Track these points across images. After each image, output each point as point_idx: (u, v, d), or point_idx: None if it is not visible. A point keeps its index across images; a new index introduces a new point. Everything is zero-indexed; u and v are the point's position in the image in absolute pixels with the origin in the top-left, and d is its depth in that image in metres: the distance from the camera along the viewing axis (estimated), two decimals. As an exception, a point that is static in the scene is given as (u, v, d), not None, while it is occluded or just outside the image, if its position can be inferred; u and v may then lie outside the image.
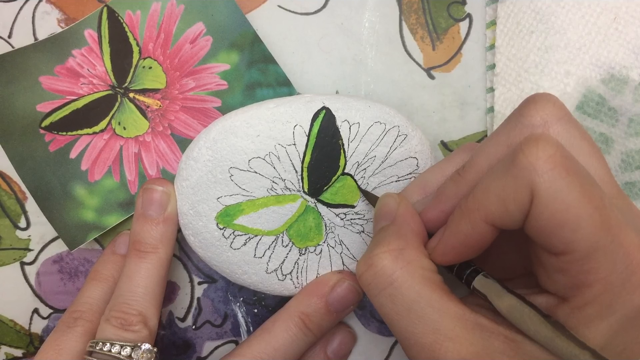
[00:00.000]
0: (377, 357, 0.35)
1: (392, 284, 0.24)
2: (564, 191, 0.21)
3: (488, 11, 0.34)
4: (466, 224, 0.24)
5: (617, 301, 0.21)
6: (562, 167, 0.21)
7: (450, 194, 0.26)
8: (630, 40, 0.32)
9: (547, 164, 0.21)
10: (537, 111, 0.24)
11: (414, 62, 0.34)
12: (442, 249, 0.25)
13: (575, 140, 0.24)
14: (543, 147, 0.21)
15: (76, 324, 0.30)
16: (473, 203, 0.23)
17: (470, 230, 0.24)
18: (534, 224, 0.22)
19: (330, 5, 0.34)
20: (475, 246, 0.24)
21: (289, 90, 0.34)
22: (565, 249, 0.22)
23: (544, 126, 0.24)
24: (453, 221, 0.24)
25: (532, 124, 0.24)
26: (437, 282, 0.24)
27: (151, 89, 0.34)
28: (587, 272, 0.21)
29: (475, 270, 0.26)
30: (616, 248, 0.21)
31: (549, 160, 0.21)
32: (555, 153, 0.21)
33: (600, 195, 0.22)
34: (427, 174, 0.29)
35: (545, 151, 0.21)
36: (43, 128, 0.33)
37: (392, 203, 0.28)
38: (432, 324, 0.23)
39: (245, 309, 0.35)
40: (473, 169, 0.25)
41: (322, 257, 0.32)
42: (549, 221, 0.21)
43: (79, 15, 0.34)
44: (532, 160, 0.21)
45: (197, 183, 0.30)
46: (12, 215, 0.34)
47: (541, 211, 0.21)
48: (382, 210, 0.28)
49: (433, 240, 0.26)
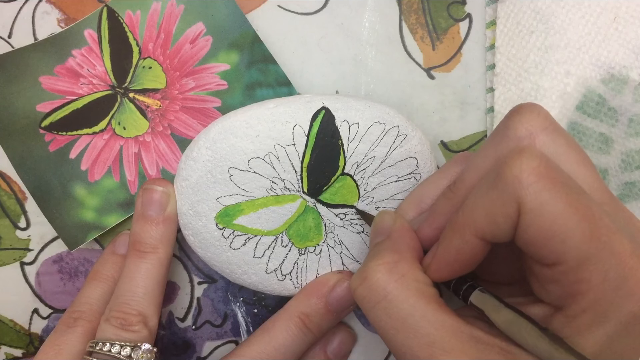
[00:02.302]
0: (377, 357, 0.35)
1: (386, 297, 0.24)
2: (550, 203, 0.21)
3: (488, 11, 0.34)
4: (457, 239, 0.24)
5: (610, 308, 0.21)
6: (546, 178, 0.21)
7: (443, 211, 0.26)
8: (630, 40, 0.32)
9: (531, 177, 0.21)
10: (521, 123, 0.24)
11: (414, 62, 0.34)
12: (436, 266, 0.25)
13: (562, 149, 0.24)
14: (527, 159, 0.21)
15: (76, 324, 0.30)
16: (463, 219, 0.23)
17: (462, 245, 0.24)
18: (523, 236, 0.22)
19: (330, 5, 0.34)
20: (469, 261, 0.24)
21: (289, 90, 0.34)
22: (556, 260, 0.22)
23: (529, 137, 0.24)
24: (445, 237, 0.25)
25: (517, 136, 0.24)
26: (431, 294, 0.24)
27: (151, 89, 0.34)
28: (580, 281, 0.21)
29: (471, 286, 0.26)
30: (607, 256, 0.21)
31: (533, 173, 0.21)
32: (539, 165, 0.21)
33: (587, 204, 0.22)
34: (421, 188, 0.29)
35: (530, 164, 0.21)
36: (43, 128, 0.33)
37: (388, 220, 0.28)
38: (427, 337, 0.23)
39: (245, 309, 0.35)
40: (463, 184, 0.26)
41: (322, 257, 0.32)
42: (537, 233, 0.21)
43: (79, 15, 0.34)
44: (517, 174, 0.21)
45: (196, 183, 0.30)
46: (12, 215, 0.34)
47: (528, 224, 0.21)
48: (378, 227, 0.28)
49: (427, 257, 0.26)
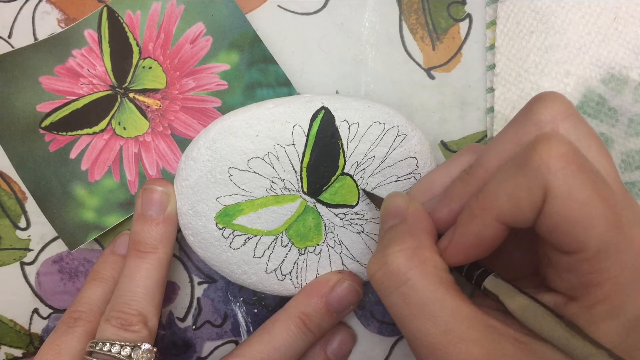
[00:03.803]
0: (377, 357, 0.35)
1: (405, 283, 0.24)
2: (577, 189, 0.21)
3: (488, 11, 0.34)
4: (477, 223, 0.23)
5: (627, 301, 0.21)
6: (574, 165, 0.21)
7: (459, 193, 0.26)
8: (630, 40, 0.32)
9: (559, 162, 0.21)
10: (545, 109, 0.24)
11: (414, 62, 0.34)
12: (453, 249, 0.25)
13: (584, 137, 0.24)
14: (556, 145, 0.21)
15: (76, 324, 0.30)
16: (484, 202, 0.23)
17: (481, 229, 0.23)
18: (546, 222, 0.22)
19: (330, 5, 0.34)
20: (486, 245, 0.24)
21: (289, 90, 0.34)
22: (577, 248, 0.21)
23: (553, 123, 0.24)
24: (463, 221, 0.24)
25: (540, 121, 0.24)
26: (450, 281, 0.24)
27: (151, 89, 0.34)
28: (598, 271, 0.21)
29: (485, 271, 0.25)
30: (627, 247, 0.21)
31: (561, 159, 0.21)
32: (568, 151, 0.21)
33: (611, 194, 0.22)
34: (432, 174, 0.29)
35: (558, 149, 0.21)
36: (43, 128, 0.33)
37: (401, 202, 0.27)
38: (445, 325, 0.23)
39: (245, 309, 0.35)
40: (482, 167, 0.25)
41: (322, 257, 0.32)
42: (562, 219, 0.21)
43: (79, 15, 0.34)
44: (545, 158, 0.21)
45: (196, 183, 0.30)
46: (12, 215, 0.34)
47: (554, 209, 0.21)
48: (390, 209, 0.27)
49: (443, 241, 0.25)
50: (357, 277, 0.32)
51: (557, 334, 0.22)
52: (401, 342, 0.35)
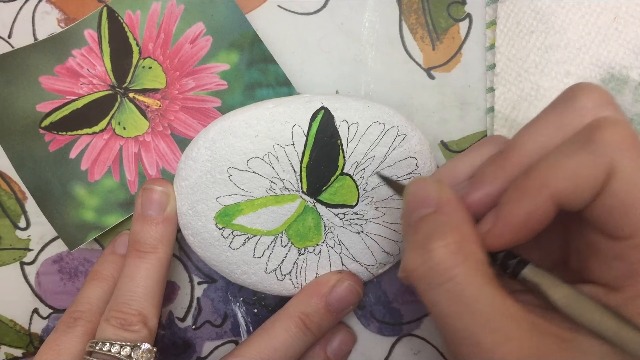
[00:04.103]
0: (377, 357, 0.35)
1: (452, 280, 0.22)
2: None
3: (488, 11, 0.34)
4: (529, 202, 0.22)
5: None
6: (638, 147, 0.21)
7: (493, 177, 0.24)
8: (630, 40, 0.32)
9: (627, 143, 0.21)
10: (587, 95, 0.24)
11: (414, 62, 0.34)
12: (499, 230, 0.23)
13: None
14: (621, 126, 0.21)
15: (76, 324, 0.30)
16: (537, 180, 0.22)
17: (534, 208, 0.22)
18: (604, 203, 0.21)
19: (330, 5, 0.34)
20: (534, 227, 0.23)
21: (289, 90, 0.34)
22: (631, 233, 0.21)
23: (596, 109, 0.23)
24: (511, 201, 0.23)
25: (583, 107, 0.23)
26: (493, 277, 0.23)
27: (151, 89, 0.34)
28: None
29: (521, 261, 0.24)
30: None
31: (628, 140, 0.21)
32: (632, 134, 0.21)
33: None
34: (455, 161, 0.27)
35: (625, 131, 0.21)
36: (43, 128, 0.33)
37: (432, 189, 0.24)
38: (492, 324, 0.21)
39: (245, 309, 0.35)
40: (517, 150, 0.24)
41: (321, 257, 0.32)
42: (623, 201, 0.21)
43: (79, 15, 0.34)
44: (614, 139, 0.21)
45: (196, 183, 0.30)
46: (12, 215, 0.34)
47: (617, 190, 0.21)
48: (419, 197, 0.25)
49: (485, 224, 0.24)
50: (356, 277, 0.32)
51: (605, 325, 0.21)
52: (401, 342, 0.35)
